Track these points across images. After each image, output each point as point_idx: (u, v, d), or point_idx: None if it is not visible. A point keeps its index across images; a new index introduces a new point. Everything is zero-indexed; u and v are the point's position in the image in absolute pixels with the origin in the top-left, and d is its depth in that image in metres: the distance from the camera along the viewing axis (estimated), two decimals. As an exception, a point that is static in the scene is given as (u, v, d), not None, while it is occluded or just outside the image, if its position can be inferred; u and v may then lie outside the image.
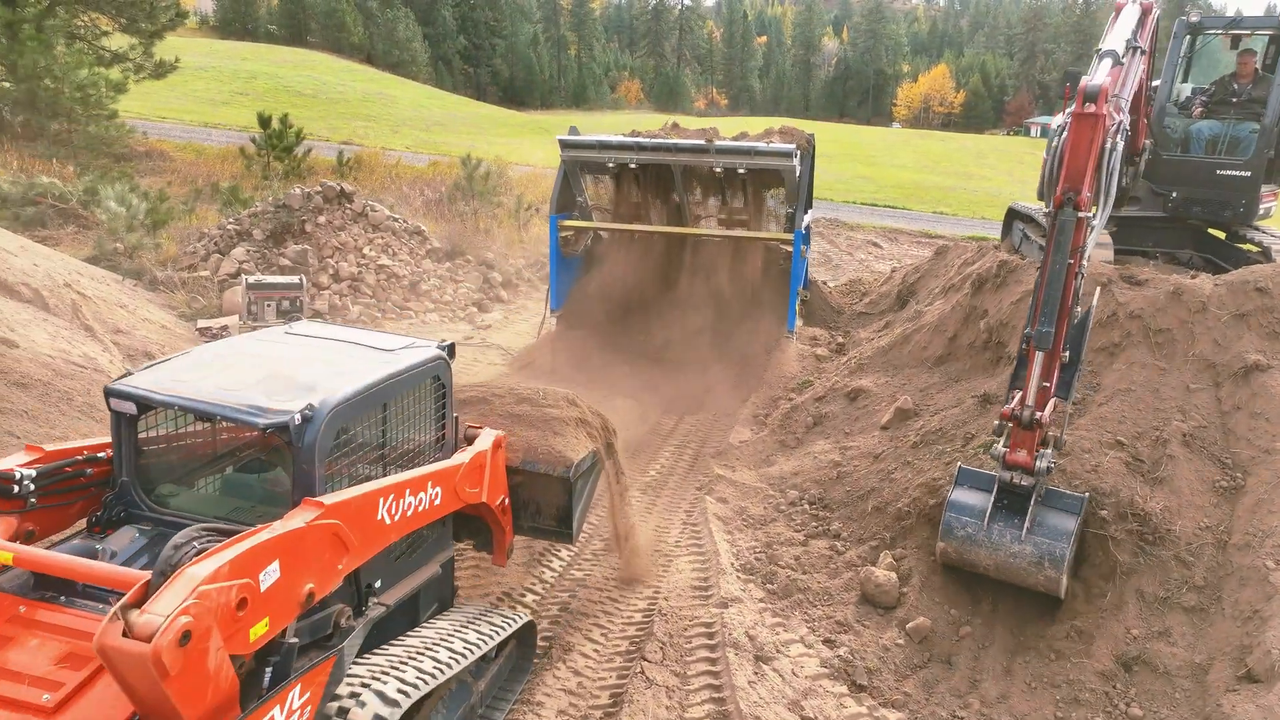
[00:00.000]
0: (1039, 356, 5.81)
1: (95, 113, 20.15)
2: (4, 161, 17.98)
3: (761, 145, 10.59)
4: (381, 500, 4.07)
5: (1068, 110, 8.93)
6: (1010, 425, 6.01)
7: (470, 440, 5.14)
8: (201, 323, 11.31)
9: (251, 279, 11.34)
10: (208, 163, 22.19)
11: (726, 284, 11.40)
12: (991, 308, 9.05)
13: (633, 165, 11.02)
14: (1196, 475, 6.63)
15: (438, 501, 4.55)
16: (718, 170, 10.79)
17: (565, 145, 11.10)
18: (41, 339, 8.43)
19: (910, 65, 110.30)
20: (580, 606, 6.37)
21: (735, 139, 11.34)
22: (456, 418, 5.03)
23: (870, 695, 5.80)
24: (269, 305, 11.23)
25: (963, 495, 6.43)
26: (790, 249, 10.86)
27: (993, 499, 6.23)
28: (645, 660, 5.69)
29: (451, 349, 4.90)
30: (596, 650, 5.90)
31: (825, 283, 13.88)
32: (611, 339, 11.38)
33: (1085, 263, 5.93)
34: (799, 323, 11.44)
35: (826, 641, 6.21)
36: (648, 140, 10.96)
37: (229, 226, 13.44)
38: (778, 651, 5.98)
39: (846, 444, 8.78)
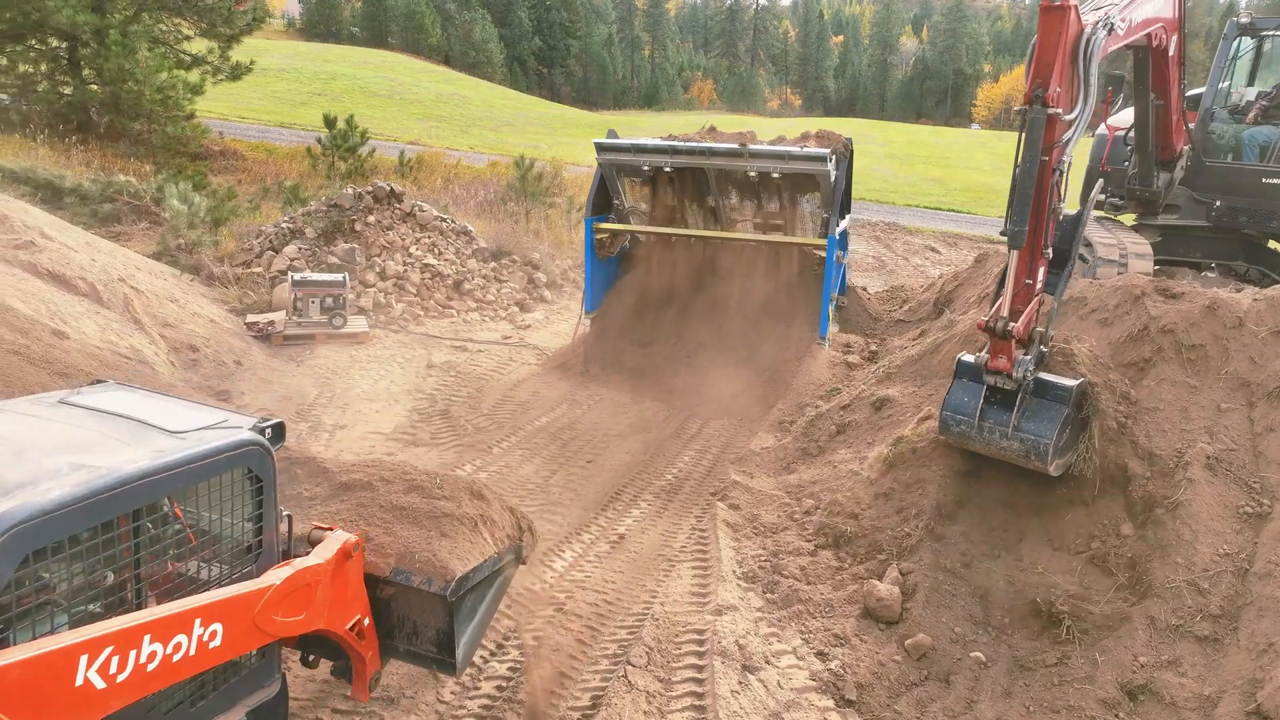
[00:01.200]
0: (1014, 256, 5.95)
1: (173, 114, 21.06)
2: (87, 160, 18.96)
3: (795, 149, 10.50)
4: (85, 658, 2.77)
5: (1110, 115, 8.64)
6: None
7: (315, 544, 3.97)
8: (250, 317, 11.76)
9: (297, 276, 11.74)
10: (277, 162, 23.01)
11: (760, 289, 11.34)
12: (1023, 319, 8.79)
13: (667, 169, 11.06)
14: (1219, 500, 6.34)
15: (216, 643, 3.22)
16: (752, 174, 10.74)
17: (601, 148, 11.19)
18: (92, 331, 8.90)
19: (991, 65, 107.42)
20: (575, 607, 6.44)
21: (772, 143, 11.27)
22: (290, 516, 3.94)
23: (858, 711, 5.72)
24: (313, 302, 11.61)
25: (959, 392, 6.71)
26: (824, 254, 10.73)
27: (982, 397, 6.53)
28: (630, 664, 5.72)
29: (279, 429, 3.81)
30: (585, 651, 5.96)
31: (865, 289, 13.66)
32: (644, 341, 11.43)
33: (1066, 160, 5.98)
34: (833, 329, 11.31)
35: (819, 654, 6.14)
36: (682, 144, 10.97)
37: (283, 224, 13.93)
38: (767, 662, 5.95)
39: (867, 453, 8.63)
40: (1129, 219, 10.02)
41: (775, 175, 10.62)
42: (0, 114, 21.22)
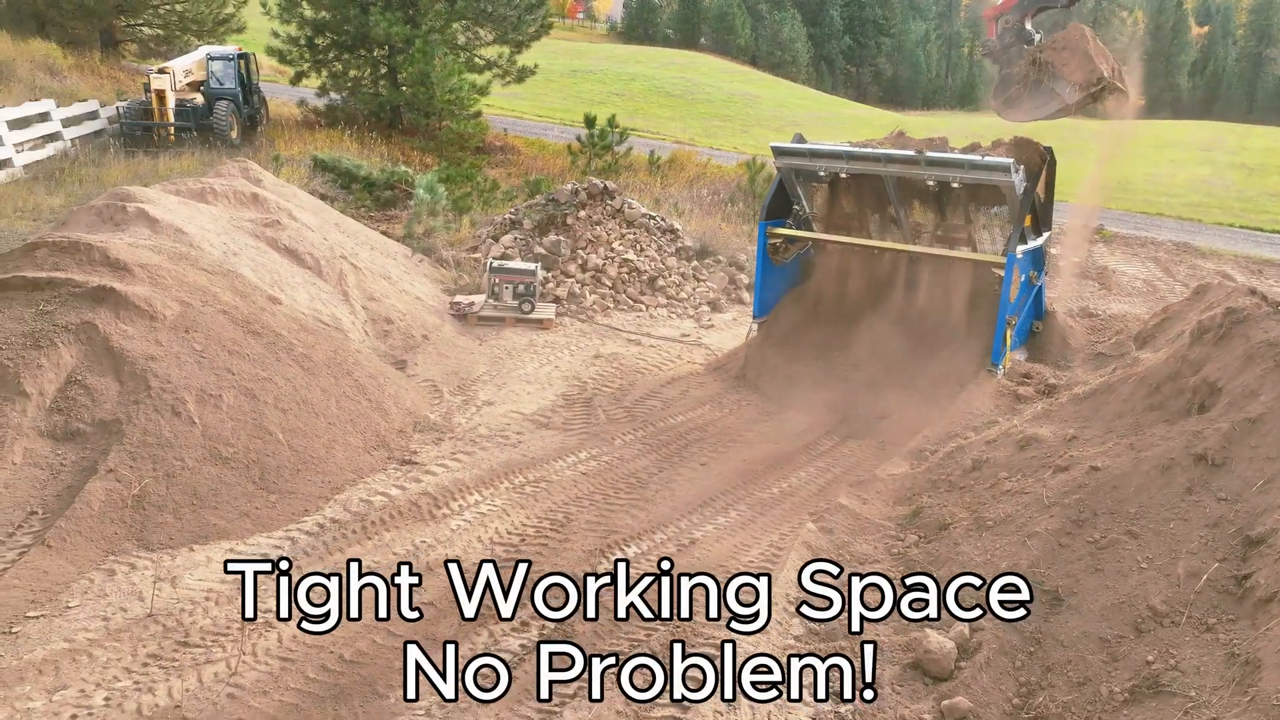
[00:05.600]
0: None
1: (461, 113, 23.62)
2: (384, 153, 21.91)
3: (976, 158, 9.67)
4: None
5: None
6: None
7: None
8: (456, 297, 13.06)
9: (495, 263, 12.85)
10: (546, 157, 24.96)
11: (934, 306, 10.60)
12: (1209, 364, 7.45)
13: (843, 174, 10.68)
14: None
15: None
16: (931, 184, 10.07)
17: (778, 152, 11.04)
18: (302, 299, 10.45)
19: None
20: (607, 601, 6.58)
21: (964, 150, 10.46)
22: None
23: (852, 762, 5.34)
24: (507, 287, 12.67)
25: None
26: (1002, 273, 9.78)
27: None
28: (625, 666, 5.78)
29: None
30: (594, 644, 6.10)
31: (1073, 313, 12.15)
32: (806, 351, 11.13)
33: None
34: (1016, 357, 10.31)
35: (836, 694, 5.78)
36: (858, 150, 10.52)
37: (509, 216, 15.23)
38: (772, 690, 5.71)
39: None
40: None
41: (955, 185, 9.87)
42: (330, 112, 25.12)
